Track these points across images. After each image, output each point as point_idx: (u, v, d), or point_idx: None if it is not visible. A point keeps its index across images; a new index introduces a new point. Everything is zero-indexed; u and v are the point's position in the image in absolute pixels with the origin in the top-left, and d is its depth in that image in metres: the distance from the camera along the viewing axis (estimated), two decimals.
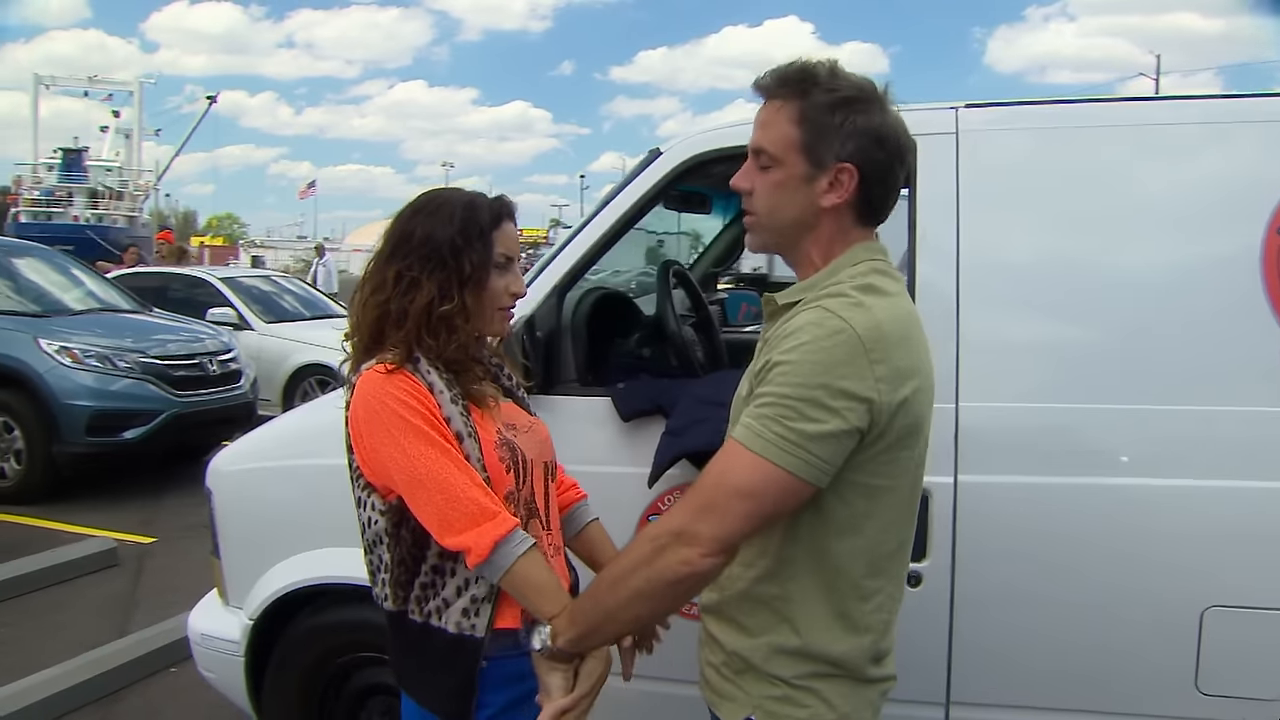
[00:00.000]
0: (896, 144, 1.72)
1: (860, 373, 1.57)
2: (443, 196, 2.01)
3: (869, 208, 1.74)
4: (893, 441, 1.65)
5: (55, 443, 7.58)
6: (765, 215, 1.78)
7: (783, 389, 1.58)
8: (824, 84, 1.70)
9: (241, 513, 3.34)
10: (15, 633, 5.07)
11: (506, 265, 1.98)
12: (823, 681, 1.74)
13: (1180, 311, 2.54)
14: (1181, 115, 2.66)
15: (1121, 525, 2.53)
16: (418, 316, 1.90)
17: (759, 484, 1.59)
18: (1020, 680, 2.64)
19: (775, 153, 1.73)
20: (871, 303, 1.63)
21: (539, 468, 2.05)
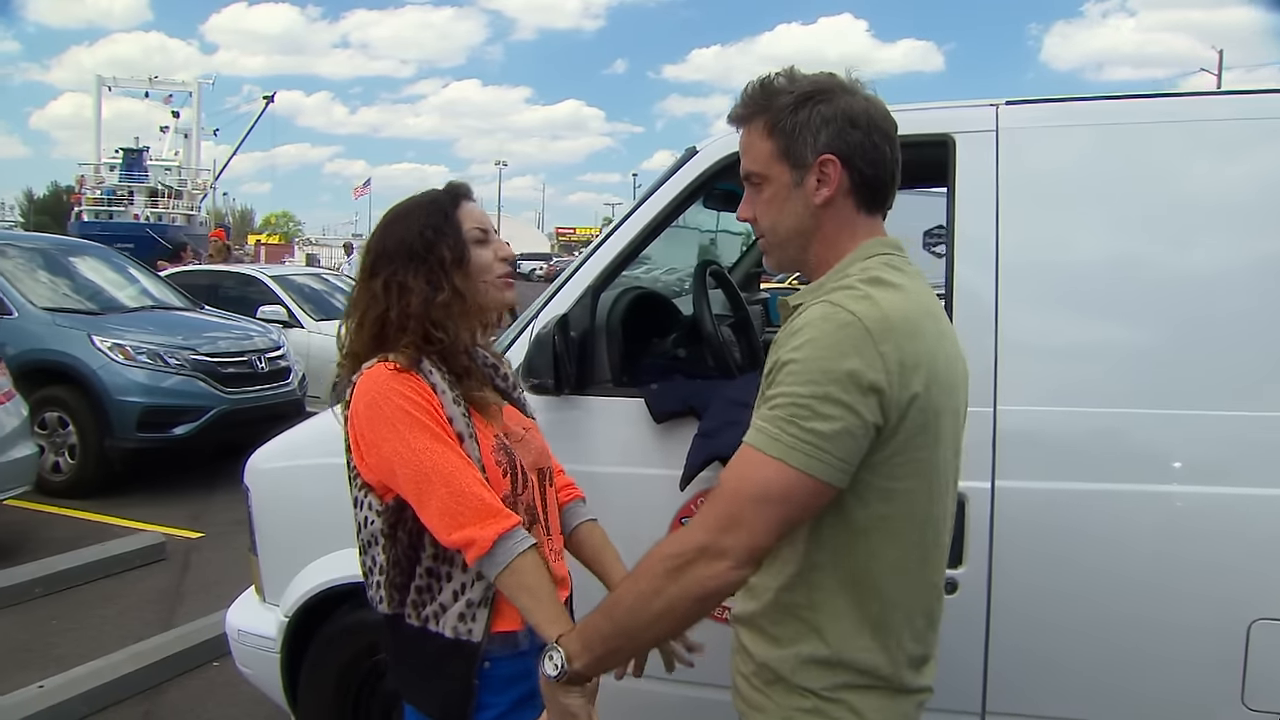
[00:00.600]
0: (870, 120, 1.70)
1: (870, 362, 1.53)
2: (400, 206, 2.04)
3: (866, 191, 1.72)
4: (906, 439, 1.60)
5: (107, 438, 7.69)
6: (770, 233, 1.77)
7: (794, 388, 1.55)
8: (783, 90, 1.71)
9: (278, 510, 3.36)
10: (65, 625, 5.16)
11: (484, 237, 1.99)
12: (854, 693, 1.69)
13: (1230, 313, 2.46)
14: (1231, 111, 2.57)
15: (1167, 534, 2.46)
16: (419, 315, 1.91)
17: (780, 489, 1.54)
18: (1058, 691, 2.57)
19: (760, 170, 1.73)
20: (878, 295, 1.60)
21: (535, 474, 2.04)
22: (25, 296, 8.01)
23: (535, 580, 1.83)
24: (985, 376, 2.49)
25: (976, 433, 2.45)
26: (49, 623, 5.20)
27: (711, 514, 1.58)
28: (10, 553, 6.15)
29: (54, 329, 7.84)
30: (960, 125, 2.65)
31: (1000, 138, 2.61)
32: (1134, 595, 2.48)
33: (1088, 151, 2.62)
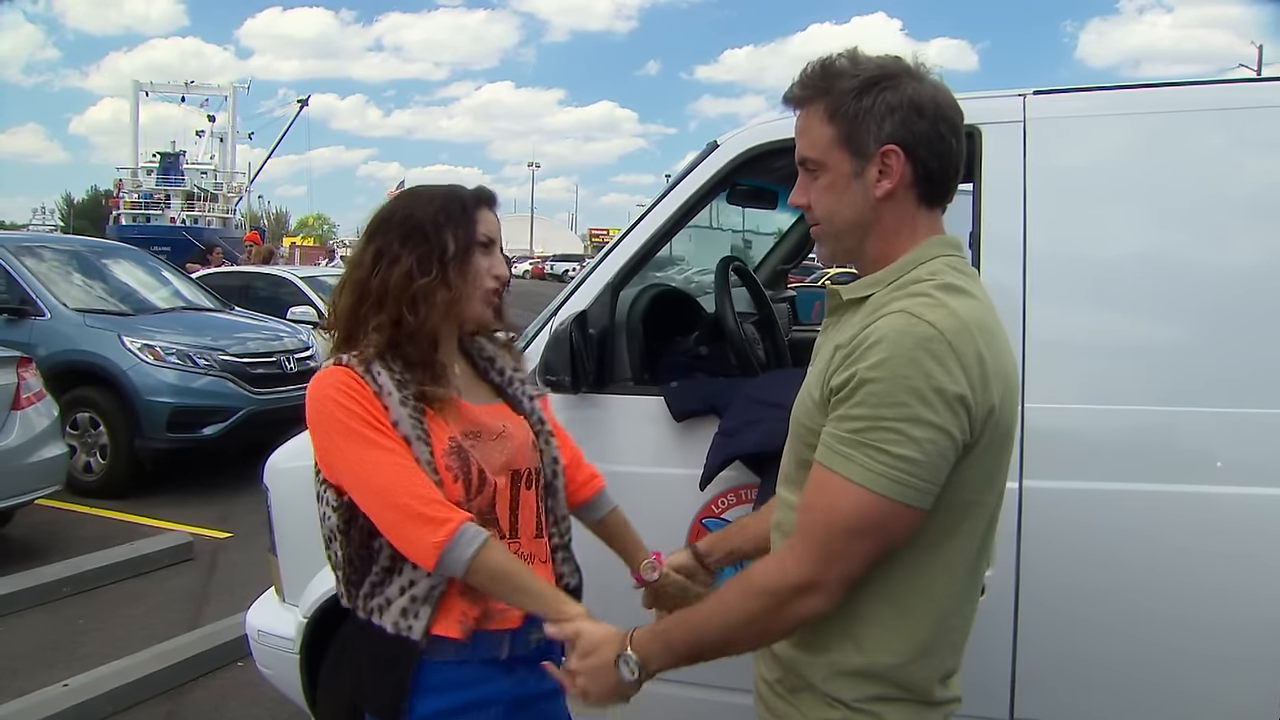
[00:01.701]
0: (937, 110, 1.61)
1: (953, 374, 1.47)
2: (423, 187, 1.99)
3: (929, 185, 1.64)
4: (981, 453, 1.54)
5: (138, 438, 7.73)
6: (826, 222, 1.69)
7: (878, 410, 1.48)
8: (846, 73, 1.62)
9: (297, 510, 3.31)
10: (92, 624, 5.18)
11: (489, 246, 1.94)
12: (885, 705, 1.63)
13: (1263, 309, 2.38)
14: (1268, 98, 2.49)
15: (1203, 535, 2.38)
16: (397, 292, 1.86)
17: (874, 521, 1.50)
18: (1089, 694, 2.49)
19: (818, 156, 1.65)
20: (954, 303, 1.53)
21: (503, 477, 1.96)
22: (57, 298, 8.07)
23: (501, 569, 1.80)
24: None
25: None
26: (76, 622, 5.22)
27: (806, 549, 1.54)
28: (40, 552, 6.21)
29: (85, 330, 7.89)
30: (987, 116, 2.58)
31: (1028, 129, 2.54)
32: (1168, 599, 2.40)
33: (1119, 142, 2.54)
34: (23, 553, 6.20)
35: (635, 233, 2.88)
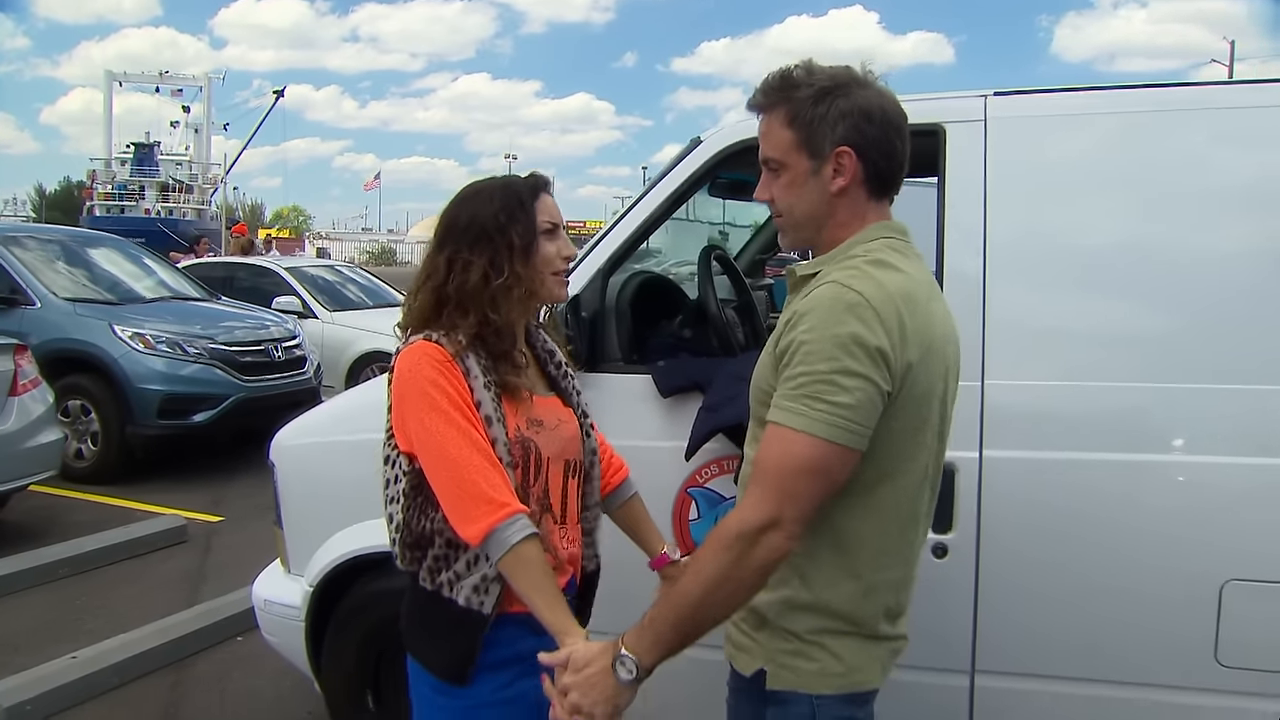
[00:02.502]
0: (884, 115, 1.83)
1: (874, 331, 1.68)
2: (480, 183, 2.11)
3: (878, 181, 1.86)
4: (903, 405, 1.75)
5: (129, 425, 7.86)
6: (787, 214, 1.91)
7: (813, 366, 1.69)
8: (803, 82, 1.84)
9: (302, 485, 3.50)
10: (93, 602, 5.34)
11: (553, 231, 2.07)
12: (832, 637, 1.84)
13: (1202, 293, 2.60)
14: (1206, 101, 2.71)
15: (1143, 500, 2.60)
16: (475, 295, 1.99)
17: (819, 461, 1.69)
18: (1043, 650, 2.72)
19: (779, 157, 1.87)
20: (881, 275, 1.75)
21: (558, 465, 2.11)
22: (47, 287, 8.19)
23: (536, 571, 1.91)
24: (974, 353, 2.64)
25: (965, 405, 2.57)
26: (76, 601, 5.38)
27: (764, 493, 1.71)
28: (38, 535, 6.34)
29: (76, 319, 8.01)
30: (950, 115, 2.79)
31: (989, 127, 2.74)
32: (1113, 558, 2.62)
33: (1072, 140, 2.75)
34: (19, 536, 6.33)
35: (624, 223, 3.08)
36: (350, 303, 11.75)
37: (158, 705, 4.21)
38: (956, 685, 2.79)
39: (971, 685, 2.78)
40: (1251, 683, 2.57)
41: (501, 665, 2.01)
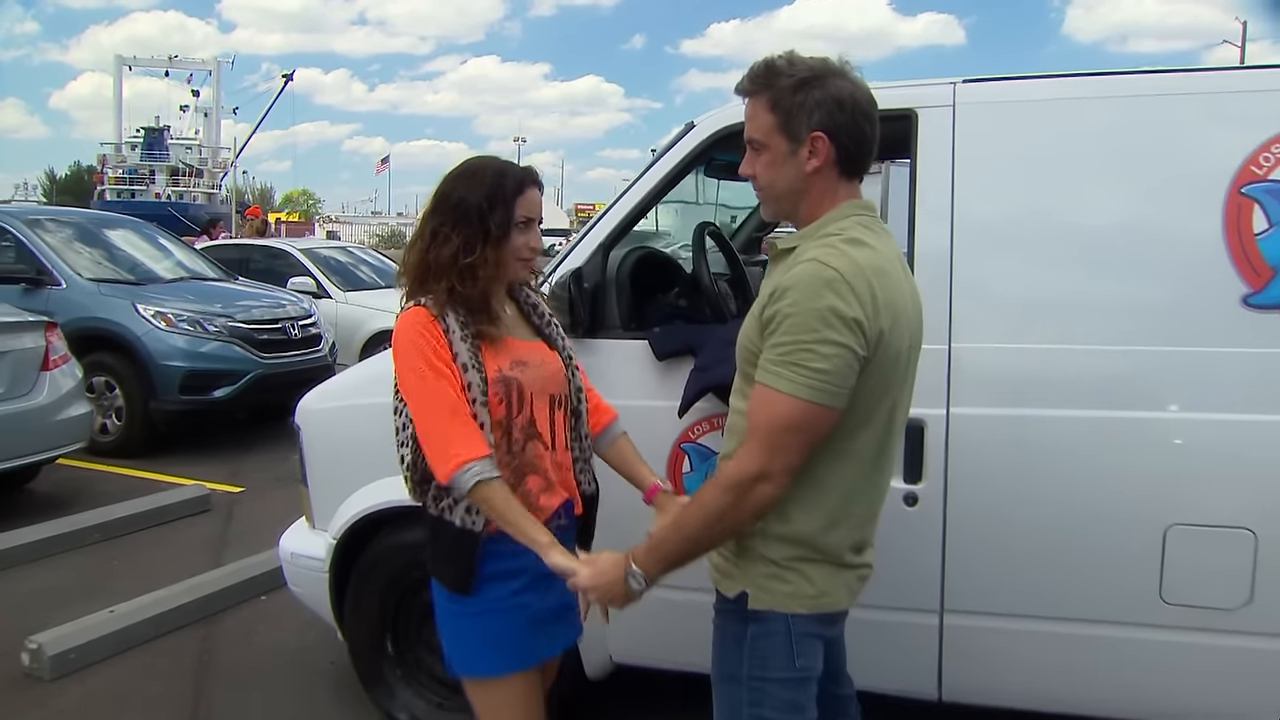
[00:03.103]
0: (855, 104, 2.07)
1: (849, 304, 1.93)
2: (478, 164, 2.40)
3: (848, 163, 2.11)
4: (876, 366, 2.00)
5: (152, 400, 8.14)
6: (767, 190, 2.18)
7: (795, 335, 1.94)
8: (785, 72, 2.08)
9: (325, 446, 3.78)
10: (124, 565, 5.63)
11: (527, 225, 2.37)
12: (806, 564, 2.12)
13: (1147, 262, 2.86)
14: (1157, 87, 2.96)
15: (1093, 452, 2.86)
16: (448, 266, 2.30)
17: (803, 419, 1.95)
18: (1006, 591, 2.98)
19: (761, 139, 2.13)
20: (854, 252, 2.00)
21: (542, 399, 2.42)
22: (72, 268, 8.47)
23: (498, 504, 2.24)
24: (941, 318, 2.89)
25: (933, 367, 2.87)
26: (109, 563, 5.68)
27: (756, 446, 1.99)
28: (65, 505, 6.62)
29: (100, 298, 8.28)
30: (923, 101, 3.03)
31: (957, 112, 2.99)
32: (1068, 505, 2.88)
33: (1030, 123, 2.99)
34: (50, 505, 6.62)
35: (622, 201, 3.32)
36: (363, 283, 12.01)
37: (191, 655, 4.49)
38: (927, 624, 3.05)
39: (941, 623, 3.04)
40: (1192, 618, 2.83)
41: (502, 578, 2.34)
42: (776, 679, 2.14)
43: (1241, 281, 2.74)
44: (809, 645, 2.15)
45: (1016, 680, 3.07)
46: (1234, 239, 2.74)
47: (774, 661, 2.13)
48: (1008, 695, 3.12)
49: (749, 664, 2.15)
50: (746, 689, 2.15)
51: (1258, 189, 2.73)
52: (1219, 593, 2.80)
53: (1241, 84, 2.91)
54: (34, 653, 4.19)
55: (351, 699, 3.95)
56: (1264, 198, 2.73)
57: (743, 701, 2.16)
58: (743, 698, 2.16)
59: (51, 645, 4.22)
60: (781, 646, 2.13)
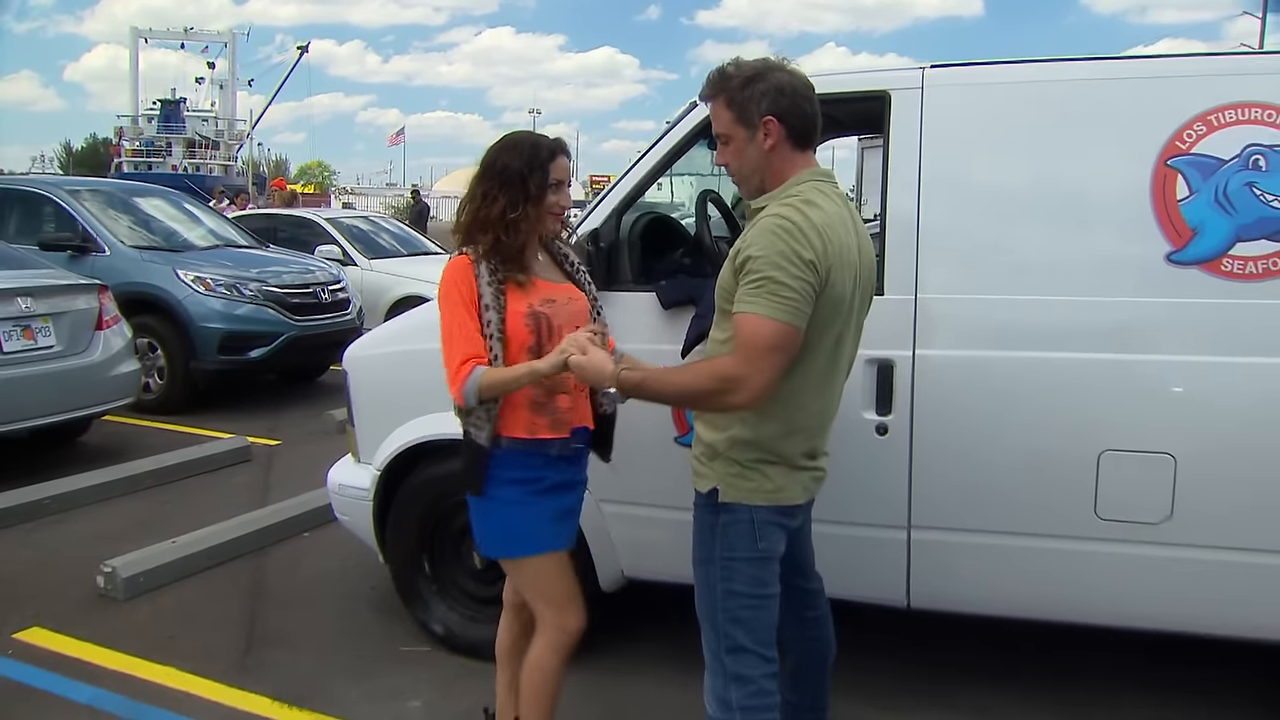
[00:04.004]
0: (794, 89, 2.54)
1: (803, 244, 2.38)
2: (517, 137, 2.88)
3: (798, 137, 2.57)
4: (823, 301, 2.44)
5: (192, 360, 8.62)
6: (738, 173, 2.66)
7: (764, 270, 2.39)
8: (733, 74, 2.57)
9: (370, 388, 4.25)
10: (176, 507, 6.14)
11: (558, 186, 2.83)
12: (765, 465, 2.59)
13: (1086, 224, 3.30)
14: (1092, 73, 3.40)
15: (1036, 387, 3.30)
16: (496, 221, 2.78)
17: (778, 336, 2.37)
18: (964, 509, 3.43)
19: (725, 132, 2.62)
20: (807, 210, 2.46)
21: (570, 328, 2.80)
22: (115, 236, 8.95)
23: (500, 378, 2.69)
24: (909, 273, 3.35)
25: (901, 314, 3.34)
26: (163, 505, 6.19)
27: (739, 358, 2.40)
28: (118, 455, 7.11)
29: (142, 264, 8.76)
30: (895, 84, 3.46)
31: (925, 94, 3.42)
32: (1016, 433, 3.33)
33: (989, 103, 3.42)
34: (100, 456, 7.12)
35: (633, 171, 3.76)
36: (385, 251, 12.49)
37: (245, 582, 5.00)
38: (897, 539, 3.51)
39: (909, 538, 3.50)
40: (1123, 532, 3.28)
41: (511, 484, 2.82)
42: (743, 558, 2.62)
43: (1166, 241, 3.18)
44: (770, 531, 2.62)
45: (976, 588, 3.53)
46: (1160, 205, 3.18)
47: (740, 544, 2.62)
48: (968, 601, 3.58)
49: (720, 547, 2.63)
50: (719, 567, 2.64)
51: (1181, 161, 3.17)
52: (1145, 509, 3.25)
53: (1167, 70, 3.35)
54: (109, 575, 4.70)
55: (391, 617, 4.46)
56: (1186, 169, 3.16)
57: (716, 578, 2.64)
58: (716, 575, 2.64)
59: (124, 569, 4.73)
60: (746, 532, 2.61)
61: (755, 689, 2.64)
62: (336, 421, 7.94)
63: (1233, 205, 3.12)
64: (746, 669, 2.64)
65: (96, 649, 4.19)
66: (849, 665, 3.37)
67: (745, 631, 2.64)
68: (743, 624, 2.64)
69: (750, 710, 2.64)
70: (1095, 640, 3.91)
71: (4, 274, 6.62)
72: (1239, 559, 3.24)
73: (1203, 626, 3.40)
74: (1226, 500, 3.21)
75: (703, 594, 2.70)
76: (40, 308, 6.54)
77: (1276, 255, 3.10)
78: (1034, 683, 3.95)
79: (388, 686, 3.92)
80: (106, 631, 4.36)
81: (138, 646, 4.21)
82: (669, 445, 3.50)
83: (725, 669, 2.66)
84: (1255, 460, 3.17)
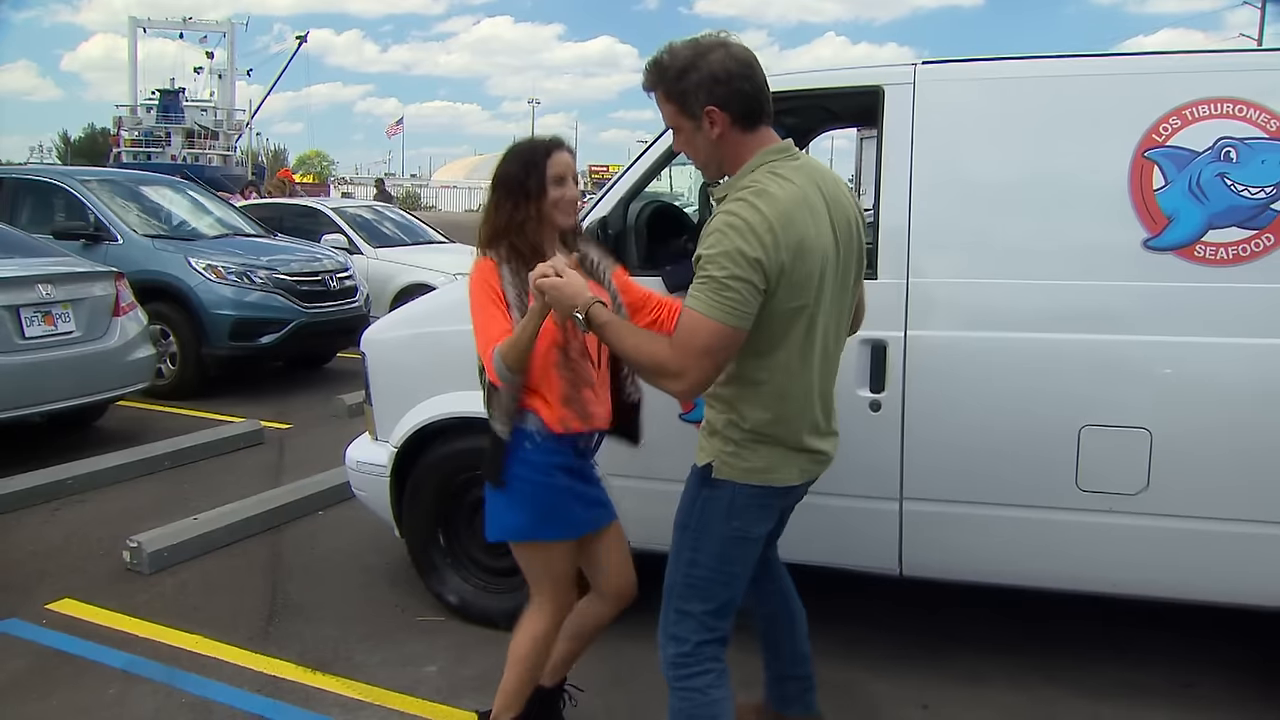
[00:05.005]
0: (729, 73, 2.49)
1: (750, 243, 2.38)
2: (516, 145, 3.04)
3: (745, 119, 2.54)
4: (784, 291, 2.46)
5: (204, 346, 8.79)
6: (694, 161, 2.69)
7: (708, 270, 2.40)
8: (668, 65, 2.55)
9: (388, 369, 4.44)
10: (194, 487, 6.34)
11: (560, 181, 2.95)
12: (758, 445, 2.65)
13: (1068, 212, 3.49)
14: (1078, 69, 3.59)
15: (1022, 366, 3.50)
16: (508, 226, 2.93)
17: (714, 336, 2.40)
18: (953, 481, 3.62)
19: (672, 124, 2.64)
20: (759, 203, 2.43)
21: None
22: (128, 225, 9.13)
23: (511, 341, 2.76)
24: (900, 258, 3.55)
25: (894, 297, 3.53)
26: (181, 485, 6.39)
27: (676, 353, 2.44)
28: (133, 439, 7.29)
29: (154, 253, 8.93)
30: (888, 79, 3.65)
31: (916, 89, 3.60)
32: (1003, 409, 3.53)
33: (977, 98, 3.61)
34: (117, 439, 7.31)
35: (639, 163, 3.95)
36: (390, 240, 12.67)
37: (264, 557, 5.20)
38: (890, 510, 3.70)
39: (901, 509, 3.69)
40: (1103, 502, 3.48)
41: (541, 469, 2.95)
42: (715, 534, 2.71)
43: (1143, 228, 3.37)
44: (748, 512, 2.70)
45: (965, 557, 3.72)
46: (1137, 194, 3.37)
47: (715, 519, 2.70)
48: (957, 570, 3.78)
49: (696, 517, 2.75)
50: (691, 535, 2.76)
51: (1157, 153, 3.36)
52: (1123, 481, 3.45)
53: (1146, 67, 3.54)
54: (134, 550, 4.90)
55: (406, 589, 4.67)
56: (1162, 160, 3.35)
57: (686, 545, 2.77)
58: (687, 541, 2.77)
59: (149, 544, 4.93)
60: (723, 509, 2.69)
61: (687, 650, 2.75)
62: (346, 405, 8.16)
63: (1205, 195, 3.31)
64: (686, 632, 2.76)
65: (127, 619, 4.39)
66: (844, 633, 3.58)
67: (699, 600, 2.75)
68: (698, 592, 2.75)
69: (677, 666, 2.77)
70: (1081, 610, 4.12)
71: (26, 261, 6.83)
72: (1212, 528, 3.43)
73: (1178, 592, 3.60)
74: (1200, 472, 3.40)
75: (672, 556, 2.82)
76: (60, 294, 6.72)
77: (1246, 242, 3.29)
78: (1027, 649, 4.15)
79: (406, 653, 4.11)
80: (135, 603, 4.56)
81: (166, 616, 4.41)
82: (674, 421, 3.69)
83: (667, 625, 2.79)
84: (1227, 434, 3.37)
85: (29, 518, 5.71)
